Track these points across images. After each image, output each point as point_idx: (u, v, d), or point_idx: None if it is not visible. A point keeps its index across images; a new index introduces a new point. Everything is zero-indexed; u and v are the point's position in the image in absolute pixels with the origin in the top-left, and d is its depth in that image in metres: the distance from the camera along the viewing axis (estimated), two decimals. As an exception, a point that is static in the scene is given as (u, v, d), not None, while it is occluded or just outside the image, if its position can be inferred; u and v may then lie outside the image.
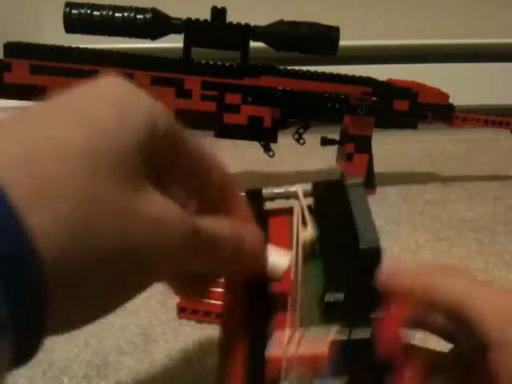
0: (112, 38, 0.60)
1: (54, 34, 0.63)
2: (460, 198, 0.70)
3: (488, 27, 0.99)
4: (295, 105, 0.65)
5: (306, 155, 0.83)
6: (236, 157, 0.84)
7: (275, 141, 0.67)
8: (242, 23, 0.61)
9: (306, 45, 0.62)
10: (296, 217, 0.30)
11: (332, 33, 0.62)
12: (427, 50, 0.96)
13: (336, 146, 0.70)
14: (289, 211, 0.31)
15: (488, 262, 0.53)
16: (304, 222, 0.29)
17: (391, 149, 0.88)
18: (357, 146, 0.67)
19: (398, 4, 0.99)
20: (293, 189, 0.31)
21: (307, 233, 0.28)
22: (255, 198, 0.31)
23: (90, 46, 0.62)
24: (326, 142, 0.69)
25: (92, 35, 0.60)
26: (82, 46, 0.62)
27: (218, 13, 0.61)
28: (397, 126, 0.68)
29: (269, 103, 0.64)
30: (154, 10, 0.60)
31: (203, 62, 0.63)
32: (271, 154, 0.68)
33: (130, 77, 0.62)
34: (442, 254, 0.55)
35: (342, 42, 0.62)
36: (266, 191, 0.31)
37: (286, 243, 0.29)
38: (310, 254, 0.28)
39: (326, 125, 0.69)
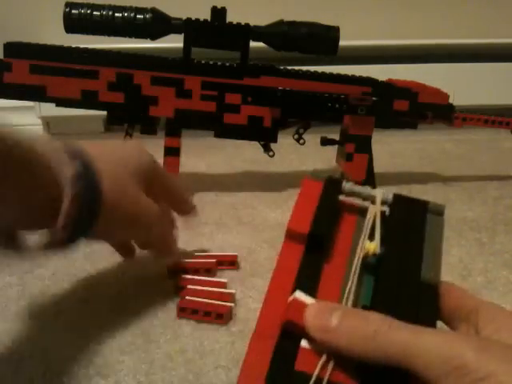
0: (112, 38, 0.60)
1: (54, 34, 0.63)
2: (460, 197, 0.70)
3: (488, 27, 0.99)
4: (295, 105, 0.65)
5: (306, 155, 0.83)
6: (236, 157, 0.84)
7: (275, 141, 0.67)
8: (242, 23, 0.61)
9: (306, 45, 0.62)
10: (366, 223, 0.29)
11: (332, 33, 0.62)
12: (427, 49, 0.96)
13: (336, 146, 0.70)
14: (362, 212, 0.30)
15: (488, 262, 0.53)
16: (372, 232, 0.29)
17: (391, 149, 0.88)
18: (357, 146, 0.67)
19: (397, 4, 0.99)
20: (373, 193, 0.31)
21: (372, 245, 0.28)
22: (332, 187, 0.31)
23: (90, 46, 0.62)
24: (325, 141, 0.69)
25: (92, 35, 0.60)
26: (81, 45, 0.62)
27: (218, 13, 0.61)
28: (397, 126, 0.68)
29: (269, 103, 0.64)
30: (153, 10, 0.60)
31: (203, 62, 0.63)
32: (271, 154, 0.68)
33: (130, 77, 0.62)
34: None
35: (342, 42, 0.62)
36: (345, 185, 0.31)
37: (347, 242, 0.28)
38: (368, 266, 0.27)
39: (326, 125, 0.69)
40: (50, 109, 0.64)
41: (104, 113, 0.64)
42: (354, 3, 0.97)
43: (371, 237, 0.28)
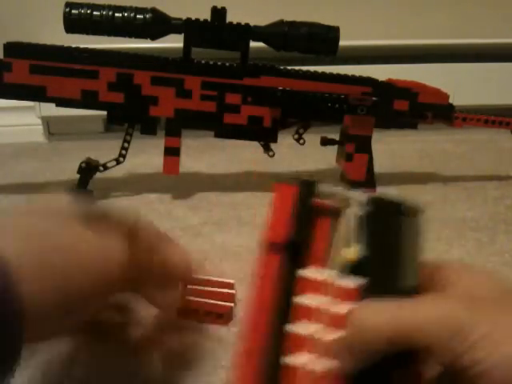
0: (112, 38, 0.60)
1: (54, 34, 0.63)
2: (460, 197, 0.70)
3: (488, 27, 0.99)
4: (295, 105, 0.65)
5: (306, 155, 0.83)
6: (236, 157, 0.84)
7: (275, 141, 0.67)
8: (242, 23, 0.61)
9: (306, 45, 0.62)
10: (342, 228, 0.28)
11: (332, 33, 0.62)
12: (427, 49, 0.96)
13: (336, 146, 0.70)
14: (336, 214, 0.29)
15: (488, 262, 0.53)
16: (349, 237, 0.28)
17: (391, 149, 0.88)
18: (357, 146, 0.67)
19: (397, 4, 0.99)
20: (349, 194, 0.29)
21: (350, 252, 0.27)
22: (306, 189, 0.29)
23: (90, 46, 0.62)
24: (326, 142, 0.69)
25: (92, 35, 0.60)
26: (82, 45, 0.62)
27: (218, 13, 0.61)
28: (397, 126, 0.68)
29: (269, 103, 0.64)
30: (153, 10, 0.60)
31: (203, 62, 0.63)
32: (271, 153, 0.68)
33: (130, 77, 0.62)
34: (441, 254, 0.55)
35: (342, 42, 0.62)
36: (320, 186, 0.30)
37: (325, 249, 0.28)
38: (348, 273, 0.27)
39: (326, 125, 0.69)
40: (50, 109, 0.64)
41: (104, 113, 0.64)
42: (354, 3, 0.97)
43: (348, 242, 0.28)
